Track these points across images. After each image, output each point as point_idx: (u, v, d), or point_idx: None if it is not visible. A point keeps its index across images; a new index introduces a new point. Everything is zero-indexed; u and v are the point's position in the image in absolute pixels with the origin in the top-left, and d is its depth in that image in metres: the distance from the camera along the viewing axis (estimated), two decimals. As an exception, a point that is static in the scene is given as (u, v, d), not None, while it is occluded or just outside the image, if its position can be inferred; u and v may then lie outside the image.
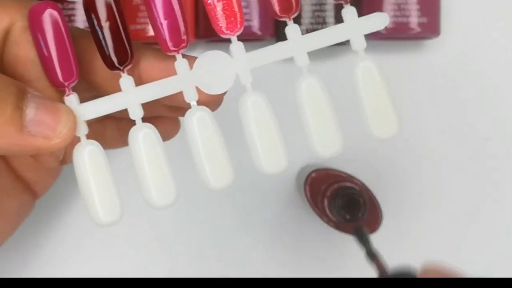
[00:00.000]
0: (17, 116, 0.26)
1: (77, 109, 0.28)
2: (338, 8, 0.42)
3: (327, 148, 0.28)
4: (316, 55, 0.28)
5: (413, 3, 0.42)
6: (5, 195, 0.33)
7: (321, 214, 0.42)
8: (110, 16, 0.28)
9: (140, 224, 0.45)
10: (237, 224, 0.46)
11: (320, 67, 0.39)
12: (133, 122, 0.28)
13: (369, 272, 0.46)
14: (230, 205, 0.46)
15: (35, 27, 0.27)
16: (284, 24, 0.42)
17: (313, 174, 0.43)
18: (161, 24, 0.28)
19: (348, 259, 0.46)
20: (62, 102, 0.28)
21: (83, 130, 0.28)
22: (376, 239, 0.43)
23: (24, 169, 0.34)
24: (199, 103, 0.28)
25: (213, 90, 0.28)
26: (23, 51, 0.28)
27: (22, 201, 0.34)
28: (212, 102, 0.29)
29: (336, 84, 0.30)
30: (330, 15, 0.42)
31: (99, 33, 0.28)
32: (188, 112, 0.28)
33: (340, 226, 0.42)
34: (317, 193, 0.42)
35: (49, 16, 0.27)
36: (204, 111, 0.28)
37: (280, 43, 0.28)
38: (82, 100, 0.28)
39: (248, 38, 0.41)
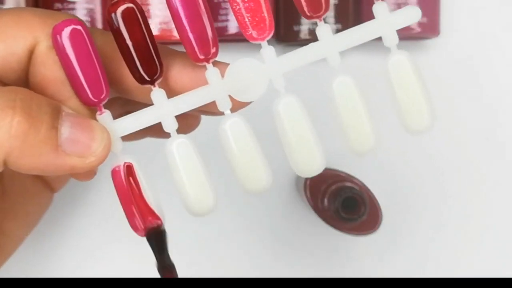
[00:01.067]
0: (52, 136, 0.25)
1: (111, 126, 0.27)
2: (338, 8, 0.42)
3: (362, 145, 0.28)
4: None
5: (413, 3, 0.43)
6: (26, 196, 0.33)
7: (321, 214, 0.42)
8: (138, 31, 0.27)
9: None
10: (237, 224, 0.46)
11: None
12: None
13: (369, 272, 0.46)
14: (230, 205, 0.46)
15: (60, 46, 0.27)
16: (284, 24, 0.42)
17: None
18: (189, 35, 0.27)
19: (348, 259, 0.46)
20: (95, 119, 0.27)
21: (118, 147, 0.28)
22: (376, 239, 0.43)
23: None
24: (231, 109, 0.28)
25: (247, 97, 0.28)
26: (51, 71, 0.27)
27: (41, 199, 0.34)
28: (241, 107, 0.29)
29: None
30: (330, 15, 0.43)
31: (128, 49, 0.27)
32: (223, 120, 0.28)
33: (340, 225, 0.42)
34: (317, 193, 0.43)
35: (73, 34, 0.27)
36: (238, 118, 0.28)
37: (311, 45, 0.28)
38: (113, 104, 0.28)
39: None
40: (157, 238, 0.27)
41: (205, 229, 0.45)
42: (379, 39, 0.28)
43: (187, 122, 0.30)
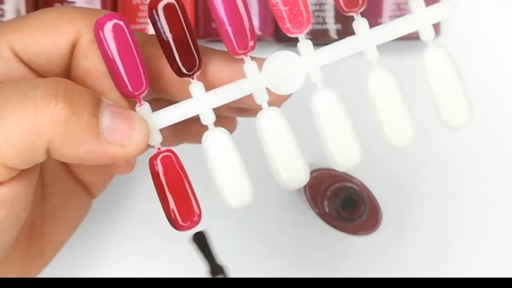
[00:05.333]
0: (94, 124, 0.26)
1: (150, 118, 0.28)
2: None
3: (401, 139, 0.28)
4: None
5: None
6: (67, 200, 0.33)
7: (321, 214, 0.43)
8: (177, 25, 0.28)
9: (140, 224, 0.45)
10: (237, 224, 0.46)
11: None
12: (190, 121, 0.29)
13: (369, 272, 0.46)
14: None
15: (101, 39, 0.27)
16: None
17: (313, 174, 0.44)
18: (227, 28, 0.28)
19: (348, 259, 0.47)
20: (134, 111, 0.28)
21: (157, 139, 0.28)
22: (376, 239, 0.44)
23: (83, 172, 0.33)
24: (268, 103, 0.28)
25: (284, 90, 0.28)
26: (92, 64, 0.28)
27: (81, 203, 0.34)
28: (279, 101, 0.29)
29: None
30: (330, 15, 0.43)
31: (167, 42, 0.28)
32: (260, 113, 0.28)
33: (340, 226, 0.43)
34: (317, 193, 0.43)
35: (115, 27, 0.27)
36: (275, 111, 0.28)
37: (348, 38, 0.28)
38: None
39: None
40: (199, 242, 0.28)
41: (204, 228, 0.45)
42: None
43: (224, 126, 0.30)
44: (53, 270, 0.43)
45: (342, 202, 0.41)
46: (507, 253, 0.47)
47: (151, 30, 0.41)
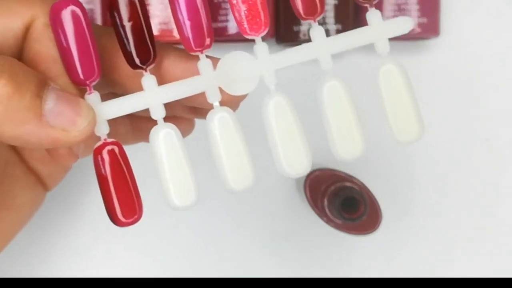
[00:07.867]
0: (36, 104, 0.26)
1: (99, 108, 0.28)
2: (338, 8, 0.43)
3: (348, 152, 0.28)
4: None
5: (413, 3, 0.43)
6: (18, 187, 0.33)
7: (321, 214, 0.43)
8: (134, 15, 0.27)
9: (140, 224, 0.45)
10: (237, 224, 0.46)
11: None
12: (147, 119, 0.29)
13: (369, 272, 0.46)
14: (230, 205, 0.46)
15: (56, 24, 0.27)
16: (284, 24, 0.43)
17: (313, 174, 0.44)
18: (185, 24, 0.28)
19: (348, 259, 0.46)
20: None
21: (104, 129, 0.28)
22: (376, 239, 0.44)
23: (36, 162, 0.33)
24: (221, 103, 0.28)
25: (237, 91, 0.28)
26: (44, 48, 0.27)
27: (33, 194, 0.34)
28: (233, 102, 0.29)
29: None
30: (330, 15, 0.43)
31: (122, 32, 0.27)
32: (210, 112, 0.28)
33: (340, 226, 0.43)
34: (317, 193, 0.43)
35: (71, 13, 0.27)
36: (226, 111, 0.28)
37: (304, 45, 0.28)
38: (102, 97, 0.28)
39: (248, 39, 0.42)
40: None
41: (204, 228, 0.45)
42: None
43: (181, 127, 0.30)
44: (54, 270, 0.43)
45: (342, 202, 0.41)
46: (507, 253, 0.46)
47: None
